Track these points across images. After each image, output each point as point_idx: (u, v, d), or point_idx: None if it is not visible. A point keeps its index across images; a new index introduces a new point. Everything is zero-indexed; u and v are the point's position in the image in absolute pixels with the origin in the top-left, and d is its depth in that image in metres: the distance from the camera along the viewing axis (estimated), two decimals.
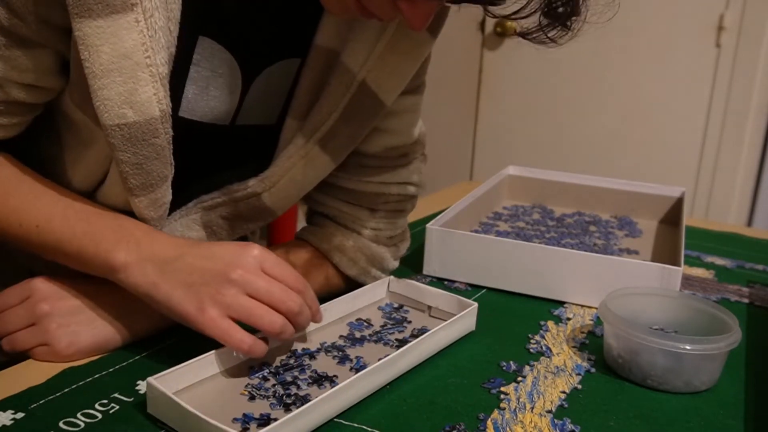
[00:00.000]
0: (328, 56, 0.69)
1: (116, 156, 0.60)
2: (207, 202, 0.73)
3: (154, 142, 0.60)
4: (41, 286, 0.64)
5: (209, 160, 0.73)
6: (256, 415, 0.55)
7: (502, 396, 0.62)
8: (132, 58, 0.56)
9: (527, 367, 0.68)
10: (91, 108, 0.58)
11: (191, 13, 0.60)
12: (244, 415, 0.55)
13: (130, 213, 0.65)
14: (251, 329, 0.59)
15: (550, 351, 0.72)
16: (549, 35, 0.53)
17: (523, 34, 0.53)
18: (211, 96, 0.67)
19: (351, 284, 0.80)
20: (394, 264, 0.84)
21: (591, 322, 0.79)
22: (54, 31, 0.58)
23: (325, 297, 0.76)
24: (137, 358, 0.65)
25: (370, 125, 0.72)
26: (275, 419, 0.54)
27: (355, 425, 0.57)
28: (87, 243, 0.61)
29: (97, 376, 0.61)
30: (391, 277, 0.81)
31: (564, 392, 0.64)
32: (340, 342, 0.69)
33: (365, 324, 0.74)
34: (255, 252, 0.60)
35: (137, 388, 0.60)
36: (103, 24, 0.55)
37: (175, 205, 0.69)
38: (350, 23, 0.67)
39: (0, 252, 0.74)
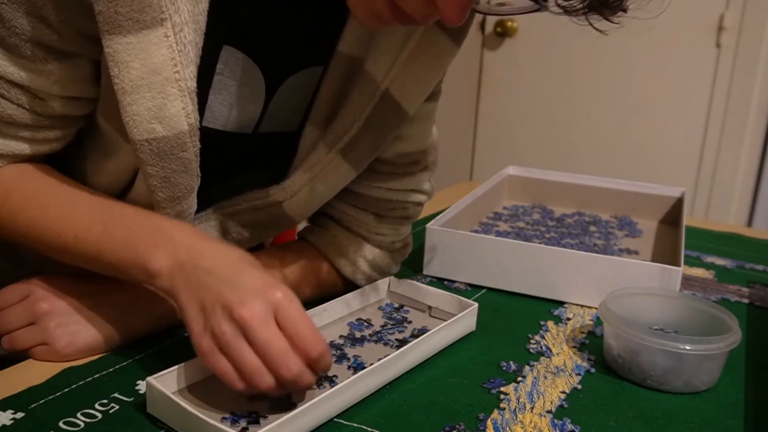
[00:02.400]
0: (350, 64, 0.68)
1: (144, 170, 0.59)
2: (227, 209, 0.72)
3: (182, 155, 0.59)
4: (41, 285, 0.64)
5: (229, 166, 0.73)
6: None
7: (502, 396, 0.62)
8: (161, 74, 0.55)
9: (527, 367, 0.68)
10: (115, 119, 0.58)
11: (215, 23, 0.59)
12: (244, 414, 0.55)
13: None
14: None
15: (550, 351, 0.72)
16: (595, 27, 0.52)
17: (569, 12, 0.50)
18: (234, 105, 0.66)
19: (350, 286, 0.80)
20: (395, 269, 0.84)
21: (591, 322, 0.79)
22: (90, 41, 0.58)
23: (324, 297, 0.76)
24: (137, 358, 0.65)
25: (393, 134, 0.71)
26: (275, 419, 0.53)
27: (355, 425, 0.57)
28: (126, 251, 0.58)
29: (97, 376, 0.61)
30: (392, 277, 0.81)
31: (564, 392, 0.64)
32: (340, 342, 0.69)
33: (365, 324, 0.74)
34: (276, 296, 0.54)
35: (137, 388, 0.60)
36: (134, 40, 0.54)
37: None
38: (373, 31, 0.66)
39: (0, 251, 0.74)
